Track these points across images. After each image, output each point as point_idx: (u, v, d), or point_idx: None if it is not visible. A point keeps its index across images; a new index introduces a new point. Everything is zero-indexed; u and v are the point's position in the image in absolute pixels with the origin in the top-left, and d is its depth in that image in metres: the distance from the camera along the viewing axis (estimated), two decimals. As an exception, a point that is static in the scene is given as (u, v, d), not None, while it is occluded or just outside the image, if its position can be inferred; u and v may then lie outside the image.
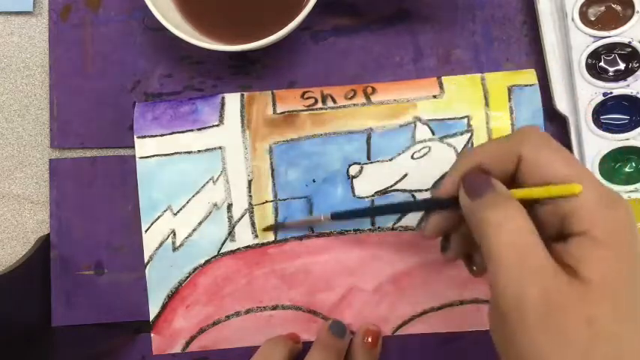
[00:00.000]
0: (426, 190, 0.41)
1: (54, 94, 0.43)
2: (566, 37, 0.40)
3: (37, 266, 0.42)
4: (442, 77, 0.42)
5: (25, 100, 0.44)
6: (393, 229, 0.41)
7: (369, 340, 0.40)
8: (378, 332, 0.41)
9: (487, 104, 0.40)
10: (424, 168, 0.41)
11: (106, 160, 0.43)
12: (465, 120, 0.40)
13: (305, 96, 0.42)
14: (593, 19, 0.40)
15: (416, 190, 0.41)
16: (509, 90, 0.41)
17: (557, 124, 0.42)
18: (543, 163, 0.28)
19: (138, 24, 0.43)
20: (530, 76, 0.41)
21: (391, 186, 0.41)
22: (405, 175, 0.41)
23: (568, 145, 0.41)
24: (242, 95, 0.42)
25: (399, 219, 0.41)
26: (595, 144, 0.40)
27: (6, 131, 0.44)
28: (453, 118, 0.41)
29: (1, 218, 0.44)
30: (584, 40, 0.40)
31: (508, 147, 0.30)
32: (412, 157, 0.41)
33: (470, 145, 0.41)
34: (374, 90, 0.42)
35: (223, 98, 0.42)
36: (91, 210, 0.43)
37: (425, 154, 0.41)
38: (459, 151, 0.41)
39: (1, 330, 0.38)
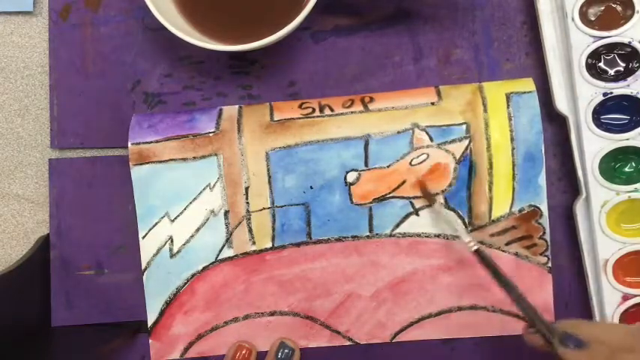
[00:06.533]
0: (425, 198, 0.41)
1: (54, 94, 0.43)
2: (566, 37, 0.40)
3: (37, 266, 0.42)
4: (440, 86, 0.42)
5: (25, 100, 0.44)
6: (391, 235, 0.41)
7: None
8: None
9: (485, 110, 0.40)
10: (422, 175, 0.40)
11: (105, 160, 0.43)
12: (464, 126, 0.40)
13: (303, 106, 0.42)
14: (593, 19, 0.40)
15: (414, 197, 0.41)
16: (508, 97, 0.40)
17: (557, 124, 0.42)
18: None
19: (138, 24, 0.43)
20: (528, 83, 0.41)
21: (389, 193, 0.41)
22: (404, 182, 0.41)
23: (568, 145, 0.41)
24: (240, 107, 0.42)
25: (397, 225, 0.41)
26: (595, 144, 0.40)
27: (6, 131, 0.44)
28: (452, 125, 0.40)
29: (1, 218, 0.44)
30: (584, 40, 0.40)
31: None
32: (410, 164, 0.40)
33: (468, 151, 0.40)
34: (372, 99, 0.41)
35: (221, 110, 0.42)
36: (90, 210, 0.43)
37: (423, 161, 0.40)
38: (458, 157, 0.40)
39: (1, 330, 0.38)
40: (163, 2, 0.40)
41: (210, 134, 0.41)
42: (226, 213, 0.41)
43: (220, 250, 0.41)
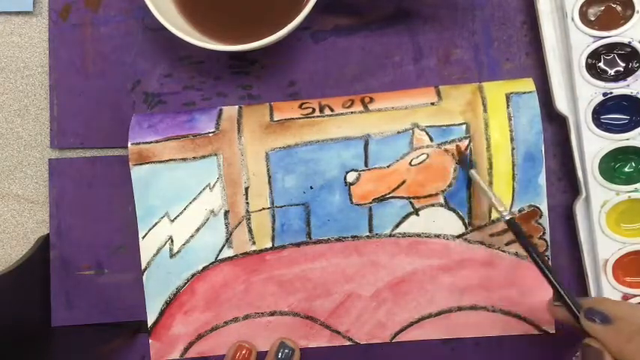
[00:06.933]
0: (425, 197, 0.41)
1: (54, 94, 0.43)
2: (566, 37, 0.40)
3: (37, 266, 0.42)
4: (439, 86, 0.42)
5: (25, 100, 0.44)
6: (391, 235, 0.41)
7: None
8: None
9: (485, 110, 0.40)
10: (422, 175, 0.40)
11: (105, 160, 0.43)
12: (464, 126, 0.40)
13: (303, 106, 0.42)
14: (593, 19, 0.40)
15: (414, 198, 0.41)
16: (508, 97, 0.40)
17: (557, 124, 0.42)
18: None
19: (138, 24, 0.43)
20: (528, 83, 0.41)
21: (389, 193, 0.41)
22: (403, 182, 0.41)
23: (568, 145, 0.41)
24: (240, 107, 0.42)
25: (397, 225, 0.41)
26: (595, 144, 0.40)
27: (6, 131, 0.44)
28: (452, 125, 0.40)
29: (1, 218, 0.44)
30: (584, 40, 0.40)
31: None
32: (410, 164, 0.40)
33: (468, 151, 0.40)
34: (372, 99, 0.41)
35: (221, 110, 0.42)
36: (90, 210, 0.43)
37: (423, 161, 0.40)
38: (457, 157, 0.40)
39: (1, 330, 0.38)
40: (163, 2, 0.40)
41: (210, 134, 0.41)
42: (226, 213, 0.41)
43: (220, 250, 0.41)
